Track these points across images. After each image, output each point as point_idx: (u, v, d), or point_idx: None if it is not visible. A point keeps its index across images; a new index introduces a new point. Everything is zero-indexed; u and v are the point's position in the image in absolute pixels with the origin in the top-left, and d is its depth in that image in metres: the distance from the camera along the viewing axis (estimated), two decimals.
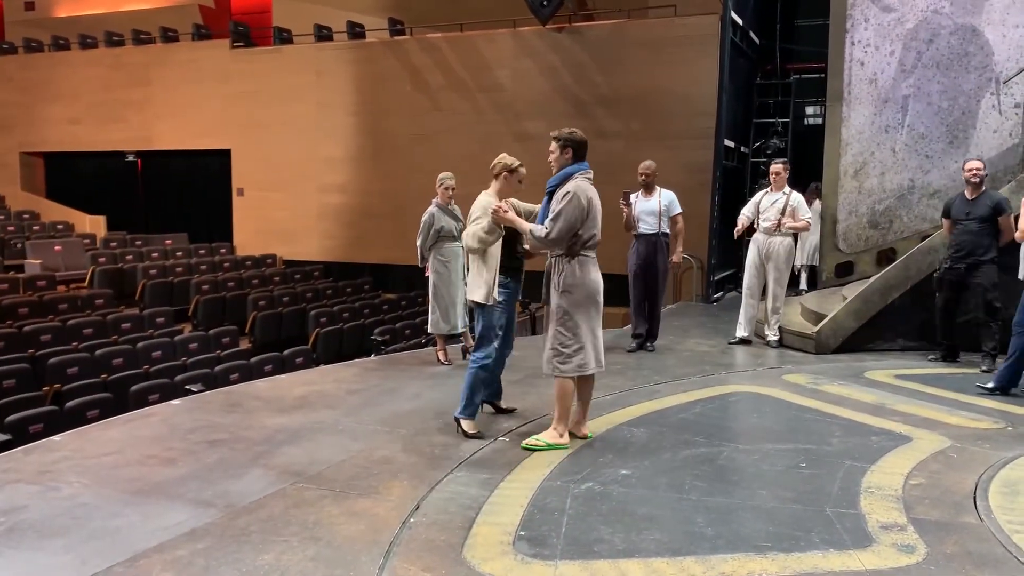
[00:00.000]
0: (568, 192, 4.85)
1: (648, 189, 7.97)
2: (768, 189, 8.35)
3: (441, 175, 7.59)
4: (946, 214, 7.36)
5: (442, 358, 7.40)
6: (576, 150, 5.08)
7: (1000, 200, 7.03)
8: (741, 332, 8.43)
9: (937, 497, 4.19)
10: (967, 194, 7.15)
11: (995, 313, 7.07)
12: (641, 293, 8.05)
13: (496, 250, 5.22)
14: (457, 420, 5.21)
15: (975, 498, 4.18)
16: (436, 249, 7.49)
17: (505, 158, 5.48)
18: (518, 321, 5.70)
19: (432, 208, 7.51)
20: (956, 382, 6.71)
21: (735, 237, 8.90)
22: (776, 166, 8.37)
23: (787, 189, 8.22)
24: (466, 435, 5.12)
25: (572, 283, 4.88)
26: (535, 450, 4.87)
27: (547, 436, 4.99)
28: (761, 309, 8.42)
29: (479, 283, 5.18)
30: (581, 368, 4.92)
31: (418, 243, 7.52)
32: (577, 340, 4.90)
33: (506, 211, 5.07)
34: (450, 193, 7.56)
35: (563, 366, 4.91)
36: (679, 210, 7.93)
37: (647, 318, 8.10)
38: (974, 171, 7.11)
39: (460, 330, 7.54)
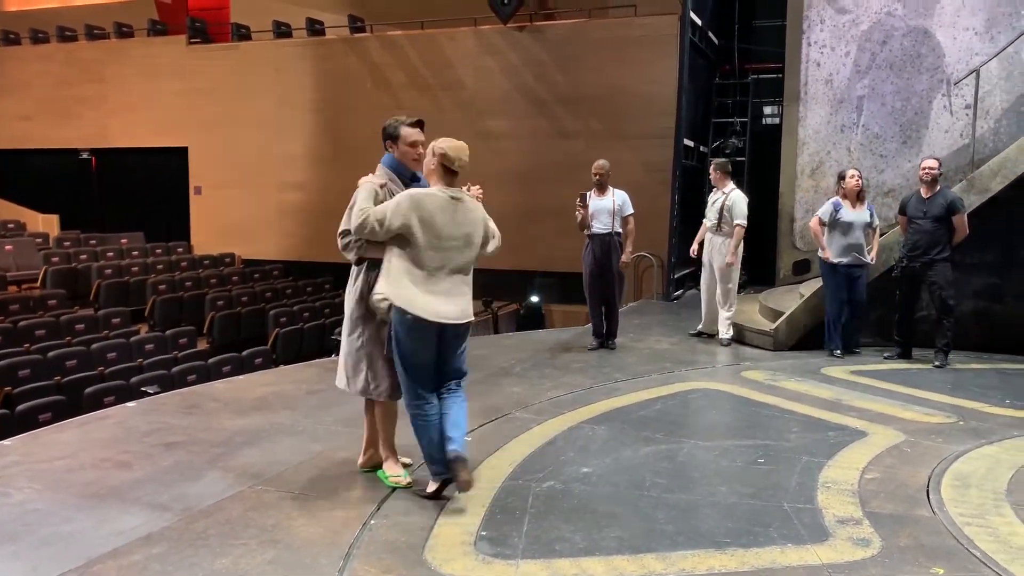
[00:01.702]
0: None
1: (601, 188, 7.87)
2: (715, 188, 8.60)
3: None
4: (902, 211, 7.50)
5: None
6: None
7: (954, 199, 7.17)
8: (699, 326, 8.69)
9: (892, 491, 4.27)
10: (922, 192, 7.29)
11: (949, 311, 7.22)
12: (598, 292, 7.98)
13: None
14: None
15: (928, 491, 4.27)
16: None
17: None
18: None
19: None
20: (910, 377, 6.85)
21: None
22: (711, 167, 8.78)
23: (728, 188, 8.39)
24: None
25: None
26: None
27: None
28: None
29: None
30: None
31: None
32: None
33: None
34: None
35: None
36: (631, 211, 7.87)
37: (605, 317, 8.09)
38: (927, 170, 7.25)
39: None
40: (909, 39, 10.12)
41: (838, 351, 7.65)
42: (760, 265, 12.79)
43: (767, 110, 13.69)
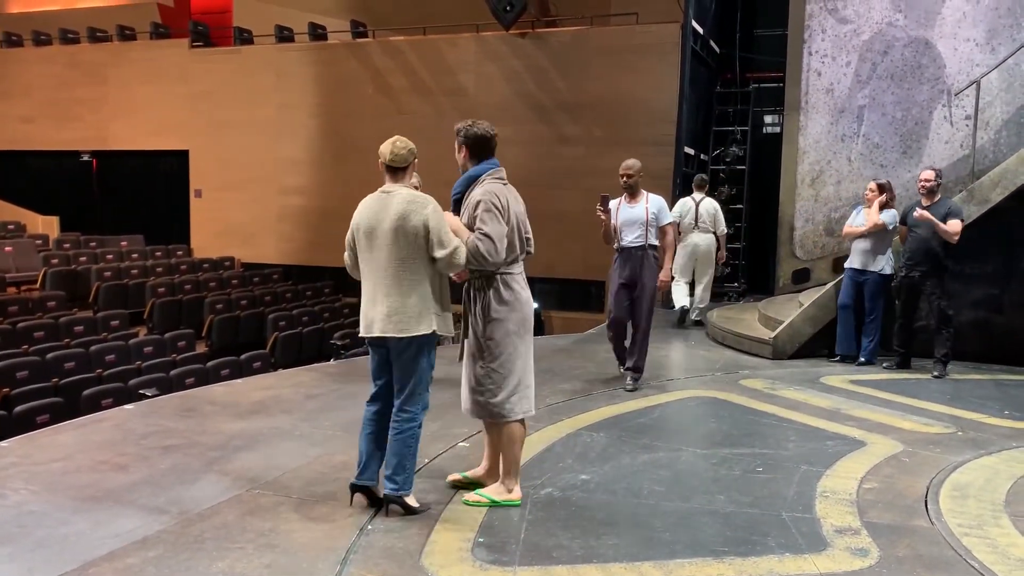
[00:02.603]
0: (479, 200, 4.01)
1: (632, 194, 6.61)
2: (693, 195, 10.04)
3: None
4: (903, 221, 7.51)
5: None
6: (472, 148, 4.34)
7: (951, 208, 7.16)
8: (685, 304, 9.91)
9: (890, 501, 4.27)
10: (923, 203, 7.30)
11: (947, 321, 7.22)
12: (624, 316, 6.64)
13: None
14: (398, 500, 3.91)
15: (926, 502, 4.27)
16: None
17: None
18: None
19: None
20: (909, 387, 6.84)
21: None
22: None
23: (697, 197, 9.85)
24: (414, 511, 3.95)
25: (501, 310, 4.01)
26: (477, 506, 4.09)
27: (493, 491, 4.16)
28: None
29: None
30: (519, 409, 4.07)
31: None
32: (512, 378, 4.05)
33: None
34: None
35: (505, 408, 4.04)
36: (669, 219, 6.67)
37: (633, 345, 6.70)
38: (923, 181, 7.29)
39: None
40: (910, 49, 10.14)
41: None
42: (760, 274, 12.82)
43: (768, 119, 13.71)
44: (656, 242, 6.53)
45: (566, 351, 8.32)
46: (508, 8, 14.17)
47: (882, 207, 7.64)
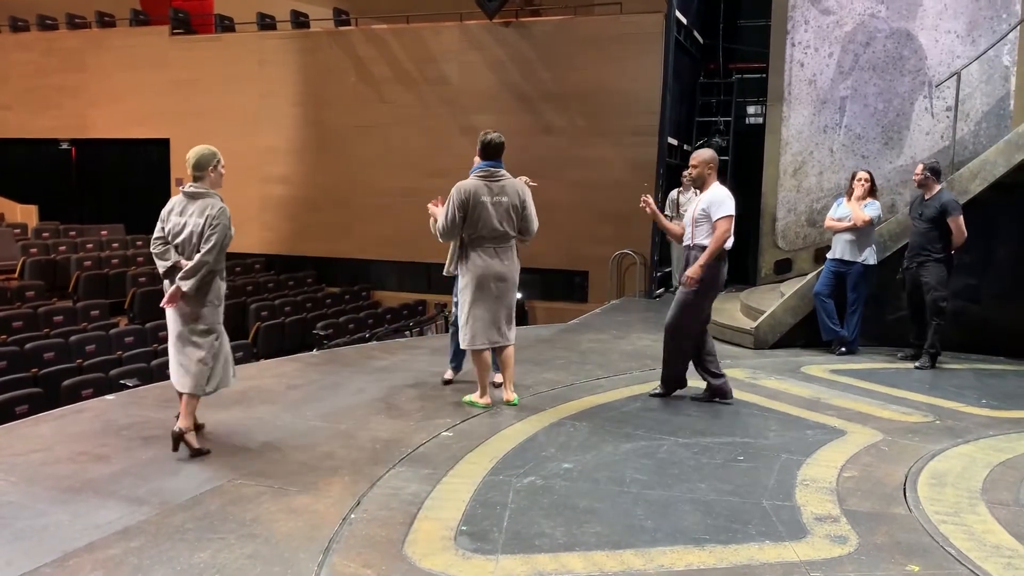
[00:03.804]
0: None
1: (701, 188, 5.97)
2: (680, 188, 10.86)
3: None
4: (910, 213, 7.60)
5: None
6: (481, 150, 5.56)
7: (947, 202, 7.15)
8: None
9: (869, 489, 4.31)
10: (924, 195, 7.35)
11: (940, 312, 7.24)
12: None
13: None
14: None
15: (905, 490, 4.31)
16: None
17: None
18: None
19: None
20: (888, 377, 6.90)
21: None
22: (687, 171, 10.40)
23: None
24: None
25: (463, 271, 5.59)
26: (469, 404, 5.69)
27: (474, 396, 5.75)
28: None
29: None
30: (472, 342, 5.55)
31: None
32: (464, 317, 5.58)
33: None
34: None
35: (462, 340, 5.64)
36: (722, 213, 5.70)
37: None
38: (915, 176, 7.37)
39: None
40: (892, 41, 10.19)
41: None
42: (741, 264, 12.88)
43: (751, 110, 13.75)
44: (705, 241, 5.72)
45: (549, 341, 8.34)
46: None
47: (860, 199, 7.68)
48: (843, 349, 7.76)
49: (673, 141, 12.12)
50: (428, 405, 5.75)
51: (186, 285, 4.68)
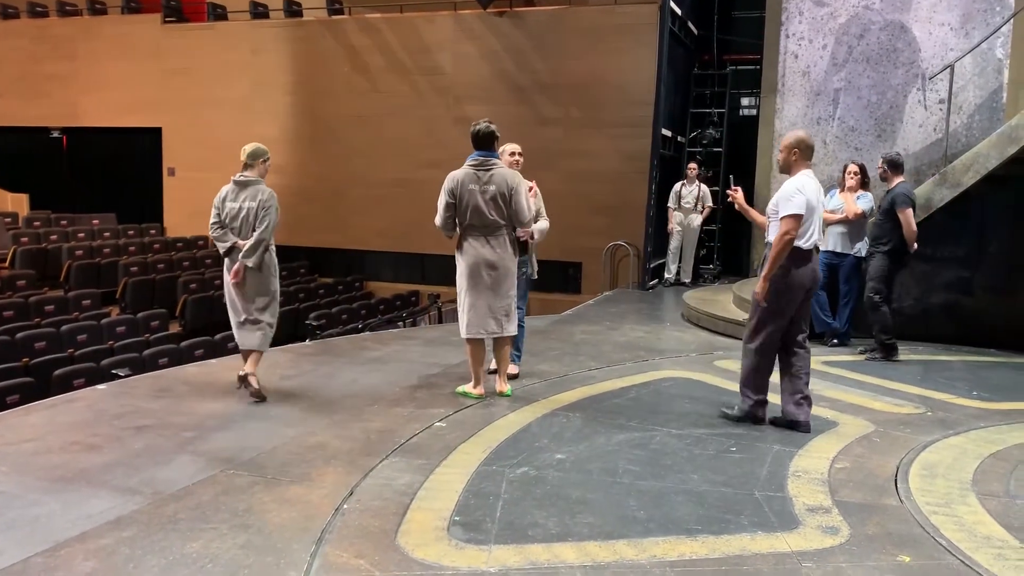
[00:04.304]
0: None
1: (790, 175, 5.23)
2: (684, 181, 11.68)
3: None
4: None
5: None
6: (472, 140, 5.57)
7: (895, 195, 7.13)
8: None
9: (860, 480, 4.33)
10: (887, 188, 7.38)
11: (873, 307, 7.20)
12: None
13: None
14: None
15: (896, 481, 4.33)
16: None
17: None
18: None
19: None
20: (880, 368, 6.93)
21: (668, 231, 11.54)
22: (691, 164, 11.88)
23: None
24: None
25: (458, 260, 5.68)
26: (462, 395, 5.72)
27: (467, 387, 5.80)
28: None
29: None
30: (467, 331, 5.63)
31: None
32: (460, 306, 5.70)
33: None
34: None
35: (460, 328, 5.73)
36: (790, 209, 4.96)
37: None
38: (877, 167, 7.42)
39: None
40: (886, 33, 10.20)
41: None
42: (734, 256, 12.90)
43: (745, 101, 13.74)
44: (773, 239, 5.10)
45: (542, 332, 8.34)
46: None
47: (853, 191, 7.70)
48: (835, 341, 7.78)
49: (667, 132, 12.10)
50: (421, 395, 5.74)
51: (250, 261, 5.56)
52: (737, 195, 5.70)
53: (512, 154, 5.94)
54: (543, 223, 6.20)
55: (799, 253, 5.01)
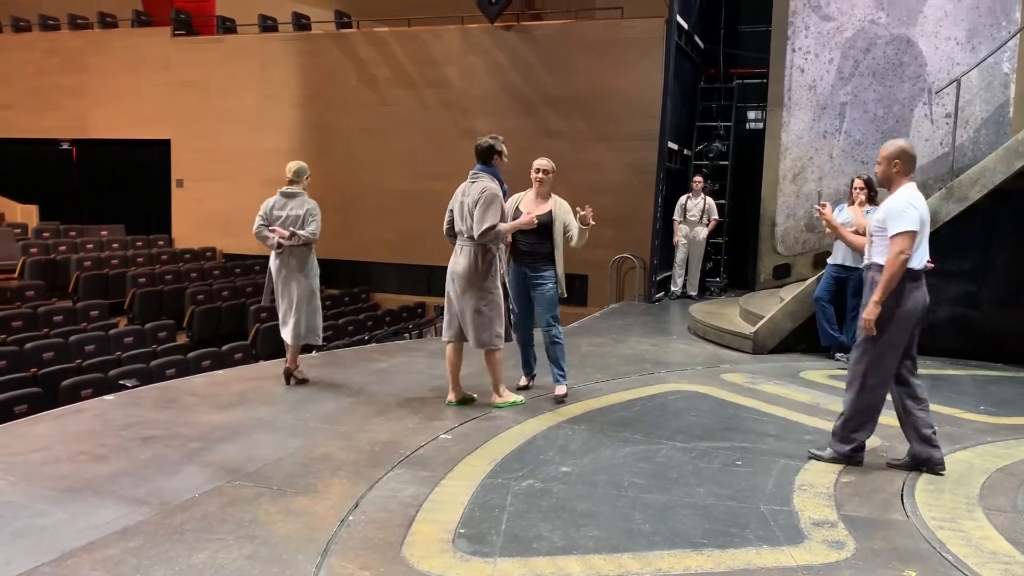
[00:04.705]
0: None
1: (889, 188, 4.85)
2: (689, 195, 11.60)
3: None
4: None
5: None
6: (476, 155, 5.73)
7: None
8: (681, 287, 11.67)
9: (866, 494, 4.32)
10: (867, 208, 7.40)
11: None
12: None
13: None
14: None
15: (902, 495, 4.32)
16: None
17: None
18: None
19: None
20: None
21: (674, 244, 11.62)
22: (697, 177, 11.90)
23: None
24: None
25: None
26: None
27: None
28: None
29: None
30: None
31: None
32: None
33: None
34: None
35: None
36: (901, 227, 4.49)
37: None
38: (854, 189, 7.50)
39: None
40: (892, 47, 10.22)
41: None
42: (740, 269, 12.90)
43: (751, 115, 13.76)
44: (882, 260, 4.57)
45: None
46: (493, 1, 14.15)
47: (862, 205, 7.70)
48: (842, 354, 7.76)
49: (673, 146, 12.13)
50: (427, 407, 5.75)
51: (297, 241, 6.40)
52: (825, 211, 5.30)
53: (537, 171, 6.07)
54: (574, 237, 6.09)
55: (912, 274, 4.53)
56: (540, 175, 6.02)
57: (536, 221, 5.85)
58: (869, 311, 4.51)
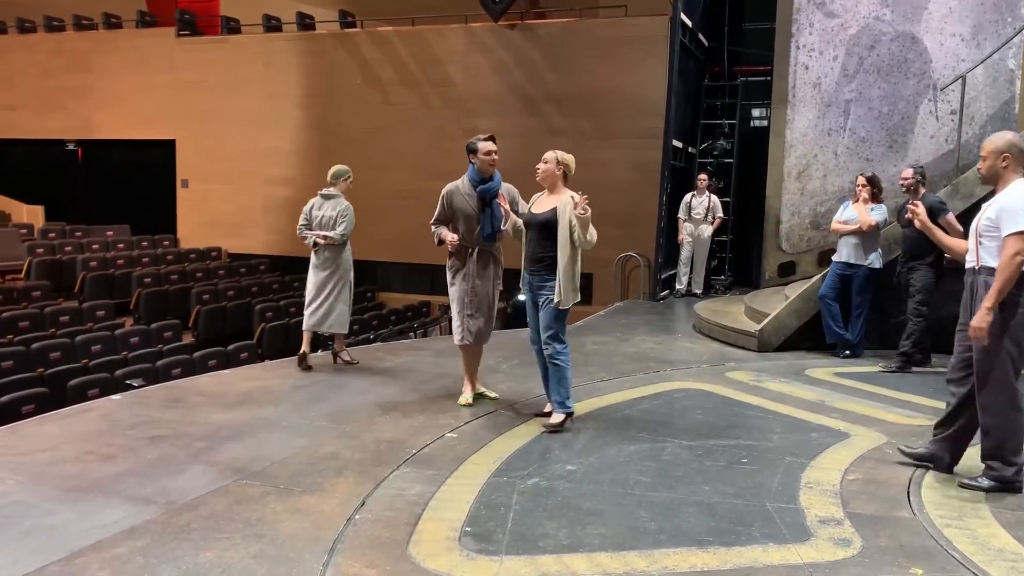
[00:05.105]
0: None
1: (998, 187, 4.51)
2: (694, 193, 11.79)
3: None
4: (897, 218, 7.57)
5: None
6: None
7: (932, 203, 6.86)
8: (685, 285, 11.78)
9: (873, 492, 4.31)
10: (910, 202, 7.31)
11: (920, 315, 7.19)
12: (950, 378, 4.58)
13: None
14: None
15: (909, 493, 4.31)
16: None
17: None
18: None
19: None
20: (893, 380, 6.89)
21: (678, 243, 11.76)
22: (702, 175, 12.06)
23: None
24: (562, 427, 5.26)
25: None
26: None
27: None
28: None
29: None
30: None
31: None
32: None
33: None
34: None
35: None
36: (1015, 227, 4.11)
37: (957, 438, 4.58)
38: (902, 180, 7.30)
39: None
40: (897, 44, 10.18)
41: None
42: (745, 267, 12.88)
43: (755, 112, 13.75)
44: (991, 262, 4.25)
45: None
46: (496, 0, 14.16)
47: (867, 203, 7.69)
48: (847, 352, 7.75)
49: (678, 143, 12.12)
50: (432, 406, 5.76)
51: (334, 236, 6.92)
52: (919, 210, 5.02)
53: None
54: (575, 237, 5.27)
55: None
56: (539, 169, 5.45)
57: (448, 241, 5.72)
58: (980, 318, 4.14)
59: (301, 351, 6.93)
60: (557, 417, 5.28)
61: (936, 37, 10.00)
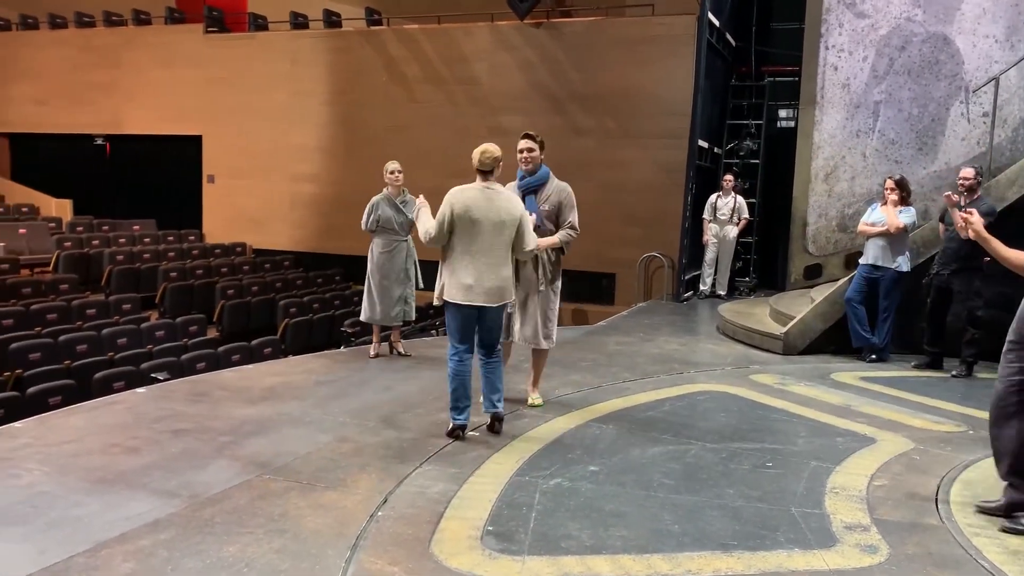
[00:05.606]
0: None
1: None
2: (720, 193, 11.75)
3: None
4: (941, 218, 7.47)
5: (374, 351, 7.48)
6: None
7: (989, 208, 6.80)
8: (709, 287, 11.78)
9: (900, 498, 4.25)
10: (962, 201, 7.21)
11: (975, 321, 7.12)
12: None
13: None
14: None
15: (937, 500, 4.25)
16: (380, 237, 7.51)
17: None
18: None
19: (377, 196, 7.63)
20: (920, 385, 6.82)
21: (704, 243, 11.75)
22: (727, 176, 12.01)
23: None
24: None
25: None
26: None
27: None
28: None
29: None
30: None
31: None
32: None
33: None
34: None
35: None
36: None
37: None
38: (961, 180, 7.17)
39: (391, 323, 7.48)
40: (928, 45, 10.06)
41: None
42: (770, 268, 12.78)
43: (783, 113, 13.62)
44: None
45: (575, 343, 8.32)
46: None
47: (895, 205, 7.59)
48: (873, 356, 7.67)
49: (704, 144, 12.04)
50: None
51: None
52: (973, 219, 4.43)
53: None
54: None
55: None
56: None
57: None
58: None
59: (390, 341, 7.58)
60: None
61: (969, 38, 9.87)
